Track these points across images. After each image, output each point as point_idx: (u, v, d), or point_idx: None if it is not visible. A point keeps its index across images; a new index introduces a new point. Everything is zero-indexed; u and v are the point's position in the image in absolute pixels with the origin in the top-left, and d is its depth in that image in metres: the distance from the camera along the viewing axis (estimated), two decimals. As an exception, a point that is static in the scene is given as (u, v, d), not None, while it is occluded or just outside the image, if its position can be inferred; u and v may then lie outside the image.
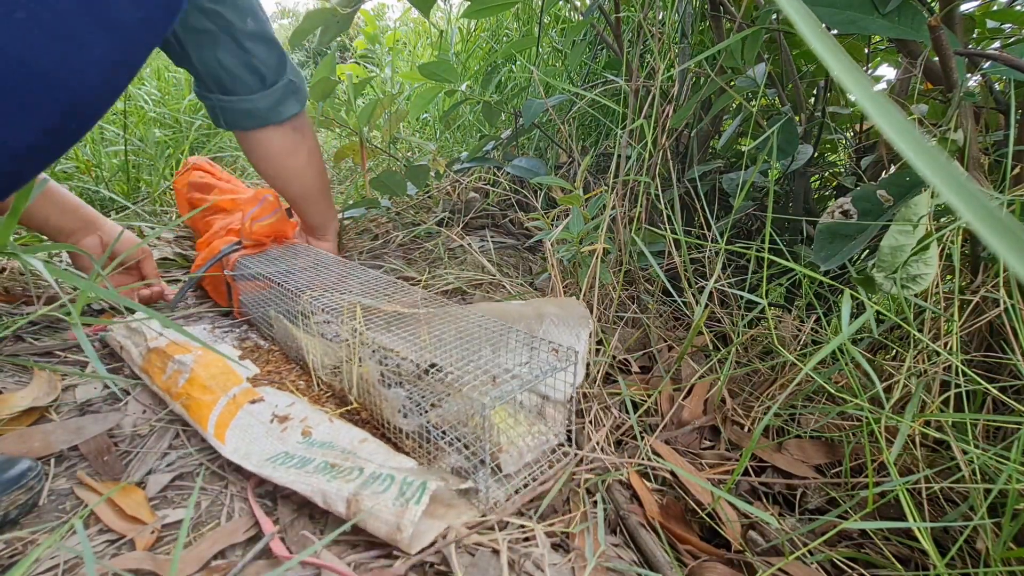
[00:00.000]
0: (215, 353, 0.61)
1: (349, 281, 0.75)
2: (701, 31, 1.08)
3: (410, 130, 2.12)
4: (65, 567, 0.44)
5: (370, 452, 0.55)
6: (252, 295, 0.84)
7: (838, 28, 0.63)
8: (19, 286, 0.87)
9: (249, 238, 0.85)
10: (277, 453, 0.54)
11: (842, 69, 0.12)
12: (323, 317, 0.67)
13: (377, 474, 0.48)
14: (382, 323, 0.61)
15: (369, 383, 0.60)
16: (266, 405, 0.61)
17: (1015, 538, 0.47)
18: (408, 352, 0.57)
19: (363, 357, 0.61)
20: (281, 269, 0.79)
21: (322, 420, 0.60)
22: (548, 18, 1.54)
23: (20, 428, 0.58)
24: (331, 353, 0.67)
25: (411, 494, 0.44)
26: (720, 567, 0.49)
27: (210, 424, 0.58)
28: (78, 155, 1.36)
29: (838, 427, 0.65)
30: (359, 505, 0.45)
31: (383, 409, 0.59)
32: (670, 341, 0.82)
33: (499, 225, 1.33)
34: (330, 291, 0.70)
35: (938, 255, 0.56)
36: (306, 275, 0.77)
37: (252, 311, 0.83)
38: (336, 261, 0.83)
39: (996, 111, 0.69)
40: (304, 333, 0.70)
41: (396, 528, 0.43)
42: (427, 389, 0.60)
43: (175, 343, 0.68)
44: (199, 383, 0.61)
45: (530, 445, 0.56)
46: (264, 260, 0.83)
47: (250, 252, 0.85)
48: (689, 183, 0.94)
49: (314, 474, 0.49)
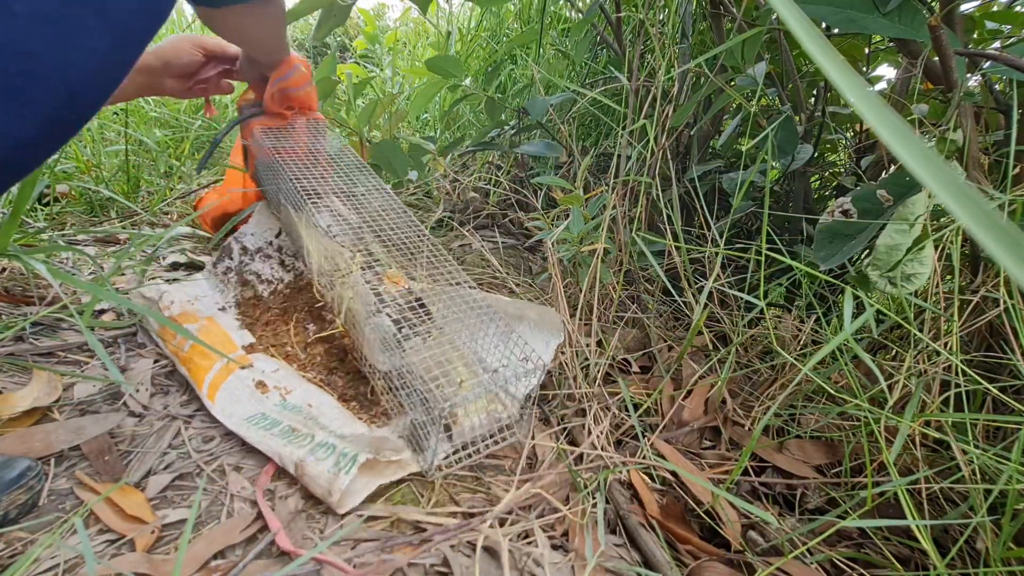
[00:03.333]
0: (217, 325, 0.75)
1: (358, 192, 0.73)
2: (701, 31, 1.08)
3: (410, 130, 2.12)
4: (65, 567, 0.44)
5: (330, 419, 0.61)
6: (268, 170, 0.81)
7: (838, 27, 0.63)
8: (19, 286, 0.87)
9: (271, 108, 0.81)
10: (255, 414, 0.61)
11: (836, 71, 0.12)
12: (324, 224, 0.67)
13: (323, 442, 0.55)
14: (381, 253, 0.64)
15: (356, 319, 0.65)
16: (254, 371, 0.69)
17: (1015, 538, 0.47)
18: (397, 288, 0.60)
19: (354, 291, 0.64)
20: (297, 158, 0.76)
21: (299, 384, 0.67)
22: (549, 18, 1.54)
23: (20, 428, 0.58)
24: (330, 257, 0.69)
25: (344, 464, 0.52)
26: (720, 567, 0.49)
27: (205, 384, 0.65)
28: (78, 155, 1.37)
29: (838, 427, 0.65)
30: (303, 470, 0.53)
31: (363, 345, 0.64)
32: (670, 341, 0.82)
33: (499, 225, 1.33)
34: (339, 197, 0.70)
35: (936, 255, 0.56)
36: (319, 169, 0.75)
37: (265, 185, 0.83)
38: (356, 162, 0.80)
39: (996, 111, 0.68)
40: (306, 230, 0.71)
41: (328, 492, 0.51)
42: (407, 323, 0.63)
43: (185, 313, 0.78)
44: (200, 349, 0.70)
45: (483, 421, 0.60)
46: (282, 136, 0.80)
47: (270, 124, 0.81)
48: (689, 183, 0.94)
49: (277, 437, 0.57)
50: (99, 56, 0.47)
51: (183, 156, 1.64)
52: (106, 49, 0.47)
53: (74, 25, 0.44)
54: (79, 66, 0.46)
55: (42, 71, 0.44)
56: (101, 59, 0.47)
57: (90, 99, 0.49)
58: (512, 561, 0.46)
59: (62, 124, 0.48)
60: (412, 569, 0.45)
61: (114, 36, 0.47)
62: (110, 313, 0.86)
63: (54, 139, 0.50)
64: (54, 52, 0.44)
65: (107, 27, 0.46)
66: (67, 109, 0.48)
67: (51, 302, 0.84)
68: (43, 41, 0.43)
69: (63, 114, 0.48)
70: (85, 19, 0.44)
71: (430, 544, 0.47)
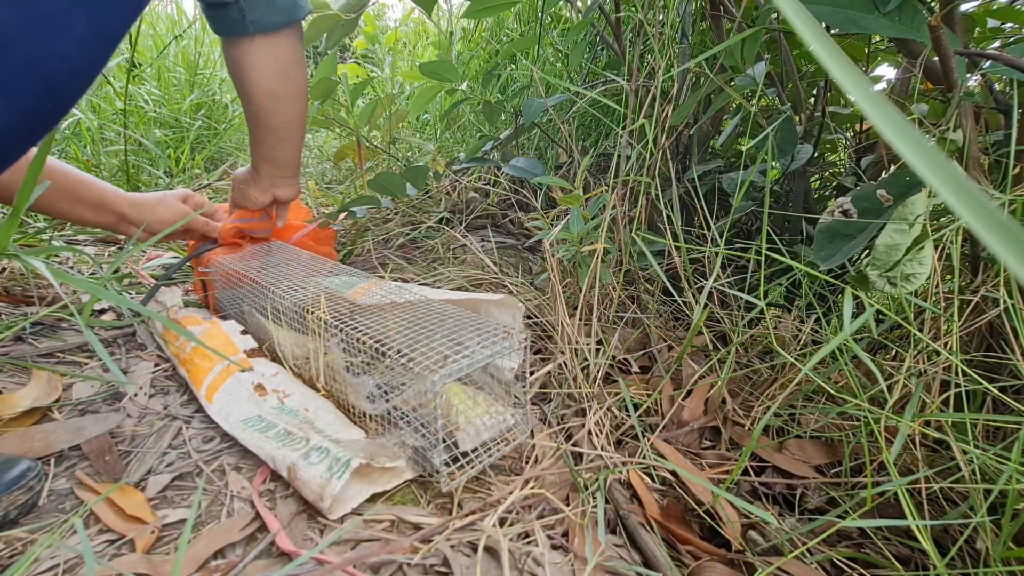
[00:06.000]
0: (219, 328, 0.75)
1: (317, 276, 0.76)
2: (701, 31, 1.08)
3: (410, 130, 2.12)
4: (65, 567, 0.44)
5: (327, 423, 0.61)
6: (227, 293, 0.85)
7: (838, 27, 0.63)
8: (19, 287, 0.87)
9: (226, 240, 0.87)
10: (251, 416, 0.61)
11: (840, 70, 0.12)
12: (293, 312, 0.69)
13: (318, 446, 0.54)
14: (346, 312, 0.64)
15: (335, 371, 0.65)
16: (253, 374, 0.68)
17: (1015, 538, 0.47)
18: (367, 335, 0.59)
19: (329, 347, 0.64)
20: (254, 266, 0.80)
21: (298, 388, 0.67)
22: (548, 18, 1.54)
23: (20, 428, 0.58)
24: (301, 344, 0.71)
25: (336, 469, 0.51)
26: (720, 567, 0.49)
27: (203, 386, 0.66)
28: (78, 155, 1.37)
29: (838, 427, 0.65)
30: (296, 474, 0.52)
31: (348, 395, 0.63)
32: (670, 341, 0.82)
33: (499, 225, 1.33)
34: (300, 285, 0.73)
35: (936, 255, 0.56)
36: (277, 271, 0.79)
37: (227, 308, 0.86)
38: (309, 257, 0.85)
39: (996, 111, 0.68)
40: (275, 327, 0.73)
41: (320, 497, 0.50)
42: (388, 374, 0.63)
43: (189, 316, 0.79)
44: (201, 351, 0.70)
45: (487, 424, 0.59)
46: (238, 259, 0.84)
47: (225, 252, 0.86)
48: (689, 183, 0.94)
49: (272, 440, 0.56)
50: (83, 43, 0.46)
51: (183, 156, 1.64)
52: (90, 35, 0.46)
53: (56, 12, 0.43)
54: (62, 55, 0.45)
55: (24, 62, 0.43)
56: (85, 46, 0.46)
57: (73, 87, 0.48)
58: (512, 561, 0.46)
59: (43, 114, 0.47)
60: (412, 569, 0.45)
61: (98, 21, 0.46)
62: (110, 313, 0.86)
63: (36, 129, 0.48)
64: (36, 42, 0.43)
65: (91, 12, 0.45)
66: (48, 99, 0.46)
67: (51, 302, 0.84)
68: (23, 30, 0.42)
69: (44, 104, 0.46)
70: (68, 5, 0.43)
71: (430, 544, 0.47)
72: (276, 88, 0.74)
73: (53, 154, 1.28)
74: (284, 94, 0.75)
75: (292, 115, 0.78)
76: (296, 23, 0.72)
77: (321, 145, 2.40)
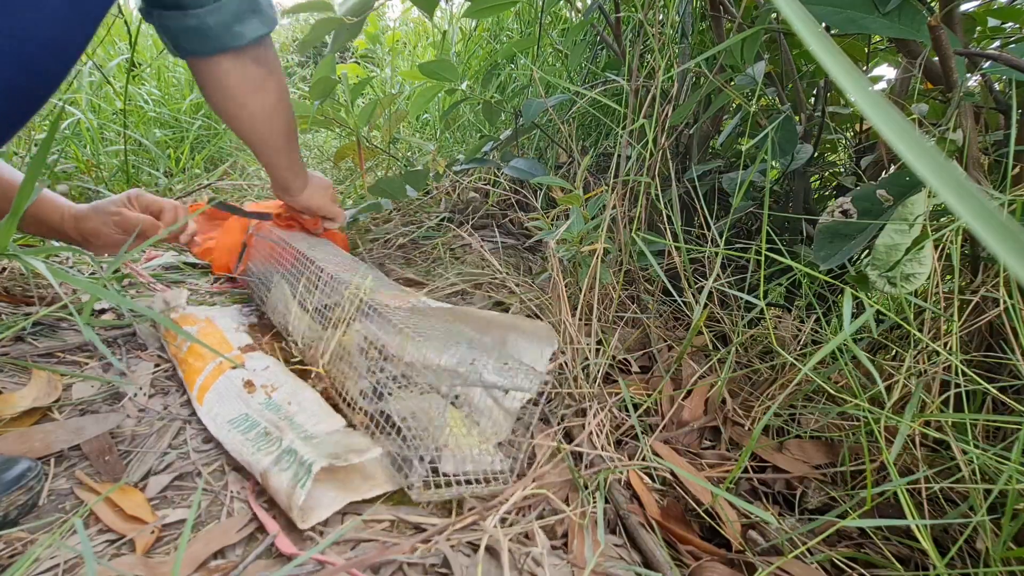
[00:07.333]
0: (214, 326, 0.76)
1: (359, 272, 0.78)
2: (701, 31, 1.08)
3: (410, 130, 2.12)
4: (65, 567, 0.44)
5: (308, 414, 0.60)
6: (261, 263, 0.88)
7: (838, 27, 0.63)
8: (19, 287, 0.87)
9: (277, 220, 0.92)
10: (238, 415, 0.60)
11: (840, 70, 0.12)
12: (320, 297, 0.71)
13: (288, 448, 0.53)
14: (385, 300, 0.65)
15: (347, 349, 0.64)
16: (244, 371, 0.68)
17: (1015, 538, 0.47)
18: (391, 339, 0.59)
19: (350, 325, 0.64)
20: (303, 245, 0.84)
21: (286, 380, 0.66)
22: (548, 18, 1.54)
23: (20, 428, 0.58)
24: (314, 329, 0.71)
25: (301, 475, 0.49)
26: (720, 567, 0.49)
27: (195, 387, 0.65)
28: (77, 155, 1.37)
29: (838, 427, 0.65)
30: (267, 481, 0.51)
31: (347, 378, 0.63)
32: (670, 341, 0.82)
33: (499, 225, 1.33)
34: (345, 270, 0.75)
35: (936, 255, 0.56)
36: (322, 254, 0.81)
37: (254, 276, 0.88)
38: (351, 258, 0.86)
39: (996, 111, 0.68)
40: (298, 305, 0.74)
41: (288, 508, 0.48)
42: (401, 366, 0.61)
43: (187, 315, 0.79)
44: (195, 350, 0.70)
45: (474, 457, 0.57)
46: (288, 235, 0.90)
47: (280, 226, 0.92)
48: (689, 183, 0.94)
49: (251, 442, 0.55)
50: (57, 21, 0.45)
51: (183, 156, 1.64)
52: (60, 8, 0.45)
53: None
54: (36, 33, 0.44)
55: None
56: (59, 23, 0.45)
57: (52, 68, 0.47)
58: (512, 561, 0.46)
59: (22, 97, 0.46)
60: (412, 569, 0.45)
61: None
62: (110, 313, 0.86)
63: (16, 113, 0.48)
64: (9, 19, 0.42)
65: None
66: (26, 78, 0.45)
67: (51, 302, 0.84)
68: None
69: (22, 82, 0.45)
70: None
71: (430, 544, 0.47)
72: (229, 109, 0.73)
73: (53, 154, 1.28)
74: (240, 116, 0.73)
75: (262, 136, 0.76)
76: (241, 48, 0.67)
77: (321, 145, 2.40)
